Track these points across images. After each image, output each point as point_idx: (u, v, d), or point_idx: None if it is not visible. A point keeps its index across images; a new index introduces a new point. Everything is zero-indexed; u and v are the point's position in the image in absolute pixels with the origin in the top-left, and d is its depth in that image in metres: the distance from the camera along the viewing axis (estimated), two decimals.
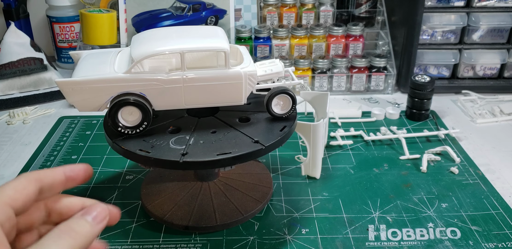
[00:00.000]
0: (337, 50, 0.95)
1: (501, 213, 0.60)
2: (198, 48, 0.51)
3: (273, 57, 0.94)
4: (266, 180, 0.64)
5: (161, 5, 0.94)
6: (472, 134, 0.80)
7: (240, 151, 0.50)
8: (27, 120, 0.84)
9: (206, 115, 0.57)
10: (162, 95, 0.51)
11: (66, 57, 1.03)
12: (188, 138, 0.52)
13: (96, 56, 0.55)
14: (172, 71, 0.51)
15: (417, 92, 0.80)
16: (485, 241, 0.55)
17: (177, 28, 0.55)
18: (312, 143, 0.63)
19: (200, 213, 0.57)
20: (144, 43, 0.51)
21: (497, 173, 0.69)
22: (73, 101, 0.50)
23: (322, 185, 0.65)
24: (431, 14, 0.88)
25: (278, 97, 0.55)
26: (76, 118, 0.84)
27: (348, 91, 0.93)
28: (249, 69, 0.52)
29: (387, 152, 0.73)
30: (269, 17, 0.97)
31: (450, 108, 0.88)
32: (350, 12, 1.00)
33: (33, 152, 0.74)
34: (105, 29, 0.91)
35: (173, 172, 0.64)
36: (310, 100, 0.70)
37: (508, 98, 0.91)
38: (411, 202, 0.62)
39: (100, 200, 0.36)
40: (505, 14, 0.88)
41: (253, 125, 0.55)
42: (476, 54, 0.90)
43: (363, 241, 0.55)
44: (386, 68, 0.92)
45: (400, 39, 0.91)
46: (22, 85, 0.92)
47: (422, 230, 0.57)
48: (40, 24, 1.09)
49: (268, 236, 0.56)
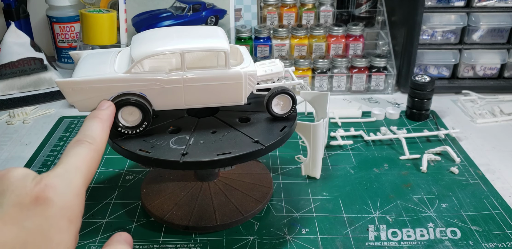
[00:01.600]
0: (337, 50, 0.95)
1: (501, 213, 0.60)
2: (198, 48, 0.51)
3: (273, 57, 0.94)
4: (266, 180, 0.64)
5: (161, 5, 0.94)
6: (472, 134, 0.80)
7: (240, 151, 0.50)
8: (27, 120, 0.84)
9: (206, 115, 0.57)
10: (162, 95, 0.51)
11: (66, 57, 1.03)
12: (188, 138, 0.52)
13: (96, 56, 0.55)
14: (172, 71, 0.50)
15: (417, 92, 0.80)
16: (485, 241, 0.55)
17: (177, 28, 0.55)
18: (312, 143, 0.63)
19: (200, 213, 0.57)
20: (144, 43, 0.51)
21: (497, 173, 0.69)
22: (73, 101, 0.50)
23: (322, 185, 0.65)
24: (431, 14, 0.88)
25: (278, 97, 0.55)
26: (76, 118, 0.84)
27: (348, 91, 0.93)
28: (249, 69, 0.52)
29: (387, 152, 0.73)
30: (269, 17, 0.97)
31: (450, 108, 0.88)
32: (350, 12, 1.00)
33: (33, 152, 0.74)
34: (105, 29, 0.91)
35: (173, 172, 0.64)
36: (310, 100, 0.70)
37: (508, 98, 0.91)
38: (411, 202, 0.62)
39: (100, 200, 0.37)
40: (505, 14, 0.88)
41: (253, 125, 0.55)
42: (476, 54, 0.90)
43: (363, 241, 0.55)
44: (386, 68, 0.92)
45: (400, 39, 0.91)
46: (22, 85, 0.92)
47: (422, 230, 0.57)
48: (40, 24, 1.09)
49: (268, 236, 0.56)
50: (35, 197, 0.32)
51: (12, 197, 0.32)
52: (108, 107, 0.46)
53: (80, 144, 0.39)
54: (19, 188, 0.32)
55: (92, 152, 0.39)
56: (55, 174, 0.35)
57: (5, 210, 0.31)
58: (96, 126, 0.42)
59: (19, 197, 0.32)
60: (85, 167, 0.37)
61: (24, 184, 0.33)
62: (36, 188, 0.32)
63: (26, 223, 0.31)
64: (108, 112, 0.46)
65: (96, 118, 0.44)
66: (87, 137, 0.40)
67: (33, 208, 0.32)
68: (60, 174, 0.35)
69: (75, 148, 0.39)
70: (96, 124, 0.43)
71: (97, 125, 0.43)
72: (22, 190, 0.32)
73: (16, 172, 0.34)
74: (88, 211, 0.60)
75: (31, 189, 0.32)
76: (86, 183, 0.36)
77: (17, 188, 0.32)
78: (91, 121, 0.43)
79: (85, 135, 0.40)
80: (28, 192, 0.32)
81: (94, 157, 0.39)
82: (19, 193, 0.32)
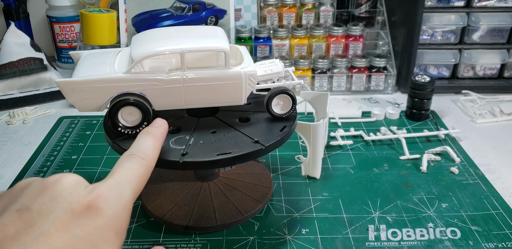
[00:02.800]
0: (337, 50, 0.95)
1: (501, 213, 0.60)
2: (198, 48, 0.51)
3: (273, 57, 0.94)
4: (266, 180, 0.64)
5: (161, 5, 0.94)
6: (472, 134, 0.80)
7: (240, 151, 0.50)
8: (27, 120, 0.84)
9: (206, 115, 0.57)
10: (162, 95, 0.51)
11: (66, 57, 1.03)
12: (188, 138, 0.52)
13: (96, 56, 0.55)
14: (172, 71, 0.50)
15: (417, 92, 0.80)
16: (485, 241, 0.55)
17: (177, 28, 0.55)
18: (312, 143, 0.63)
19: (200, 213, 0.57)
20: (144, 43, 0.51)
21: (497, 173, 0.69)
22: (73, 101, 0.50)
23: (322, 185, 0.65)
24: (431, 14, 0.88)
25: (278, 97, 0.55)
26: (76, 118, 0.84)
27: (348, 91, 0.93)
28: (249, 69, 0.52)
29: (387, 152, 0.73)
30: (269, 17, 0.97)
31: (450, 108, 0.88)
32: (350, 12, 1.00)
33: (33, 152, 0.74)
34: (105, 29, 0.91)
35: (173, 172, 0.64)
36: (310, 100, 0.70)
37: (508, 98, 0.91)
38: (411, 202, 0.62)
39: None
40: (505, 14, 0.88)
41: (253, 125, 0.55)
42: (476, 54, 0.90)
43: (363, 241, 0.55)
44: (386, 68, 0.92)
45: (400, 39, 0.91)
46: (22, 85, 0.92)
47: (422, 230, 0.57)
48: (40, 24, 1.09)
49: (268, 236, 0.56)
50: (87, 205, 0.32)
51: (65, 203, 0.31)
52: (162, 126, 0.46)
53: (133, 158, 0.39)
54: (72, 195, 0.32)
55: (144, 168, 0.39)
56: (108, 185, 0.34)
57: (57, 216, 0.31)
58: (149, 142, 0.42)
59: (71, 204, 0.32)
60: (135, 181, 0.37)
61: (77, 192, 0.32)
62: (89, 197, 0.32)
63: (76, 230, 0.31)
64: (162, 131, 0.45)
65: (150, 134, 0.44)
66: (140, 152, 0.40)
67: (84, 216, 0.31)
68: (112, 186, 0.35)
69: (128, 161, 0.38)
70: (150, 140, 0.43)
71: (151, 141, 0.43)
72: (75, 197, 0.32)
73: (70, 178, 0.33)
74: None
75: (83, 197, 0.32)
76: (134, 198, 0.36)
77: (70, 195, 0.32)
78: (145, 137, 0.43)
79: (139, 150, 0.40)
80: (81, 200, 0.32)
81: (144, 173, 0.39)
82: (72, 200, 0.32)
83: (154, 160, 0.41)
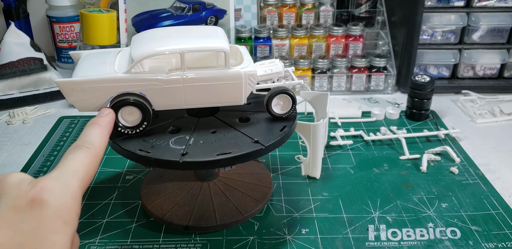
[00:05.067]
0: (337, 50, 0.95)
1: (501, 213, 0.60)
2: (198, 48, 0.51)
3: (273, 57, 0.94)
4: (266, 180, 0.64)
5: (161, 5, 0.94)
6: (472, 134, 0.80)
7: (240, 151, 0.50)
8: (27, 120, 0.84)
9: (206, 115, 0.57)
10: (162, 95, 0.51)
11: (66, 57, 1.03)
12: (188, 138, 0.52)
13: (96, 56, 0.55)
14: (172, 71, 0.51)
15: (417, 92, 0.80)
16: (485, 241, 0.55)
17: (177, 28, 0.55)
18: (312, 143, 0.63)
19: (200, 213, 0.57)
20: (144, 43, 0.51)
21: (497, 173, 0.69)
22: (73, 101, 0.50)
23: (322, 185, 0.65)
24: (431, 14, 0.88)
25: (278, 97, 0.55)
26: (76, 118, 0.84)
27: (348, 91, 0.93)
28: (249, 69, 0.52)
29: (387, 152, 0.73)
30: (269, 17, 0.97)
31: (450, 108, 0.88)
32: (350, 12, 1.00)
33: (33, 152, 0.74)
34: (105, 29, 0.91)
35: (173, 172, 0.64)
36: (310, 100, 0.70)
37: (508, 98, 0.91)
38: (411, 202, 0.62)
39: (100, 200, 0.38)
40: (505, 14, 0.88)
41: (253, 125, 0.55)
42: (476, 54, 0.90)
43: (363, 241, 0.55)
44: (386, 68, 0.92)
45: (400, 39, 0.91)
46: (22, 85, 0.92)
47: (422, 230, 0.57)
48: (40, 24, 1.09)
49: (268, 236, 0.56)
50: (30, 199, 0.33)
51: (8, 200, 0.33)
52: (108, 114, 0.47)
53: (78, 149, 0.40)
54: (15, 191, 0.33)
55: (90, 157, 0.39)
56: (52, 177, 0.35)
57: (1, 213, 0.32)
58: (95, 131, 0.43)
59: (15, 200, 0.33)
60: (82, 171, 0.37)
61: (20, 188, 0.33)
62: (32, 191, 0.33)
63: (22, 225, 0.32)
64: (108, 119, 0.46)
65: (95, 124, 0.44)
66: (86, 142, 0.41)
67: (29, 210, 0.32)
68: (56, 177, 0.35)
69: (73, 152, 0.39)
70: (95, 130, 0.43)
71: (96, 130, 0.43)
72: (18, 193, 0.33)
73: (14, 177, 0.35)
74: (88, 211, 0.60)
75: (26, 191, 0.33)
76: (84, 187, 0.37)
77: (13, 192, 0.33)
78: (90, 128, 0.44)
79: (84, 141, 0.41)
80: (24, 195, 0.33)
81: (92, 162, 0.39)
82: (15, 196, 0.33)
83: (102, 148, 0.42)
